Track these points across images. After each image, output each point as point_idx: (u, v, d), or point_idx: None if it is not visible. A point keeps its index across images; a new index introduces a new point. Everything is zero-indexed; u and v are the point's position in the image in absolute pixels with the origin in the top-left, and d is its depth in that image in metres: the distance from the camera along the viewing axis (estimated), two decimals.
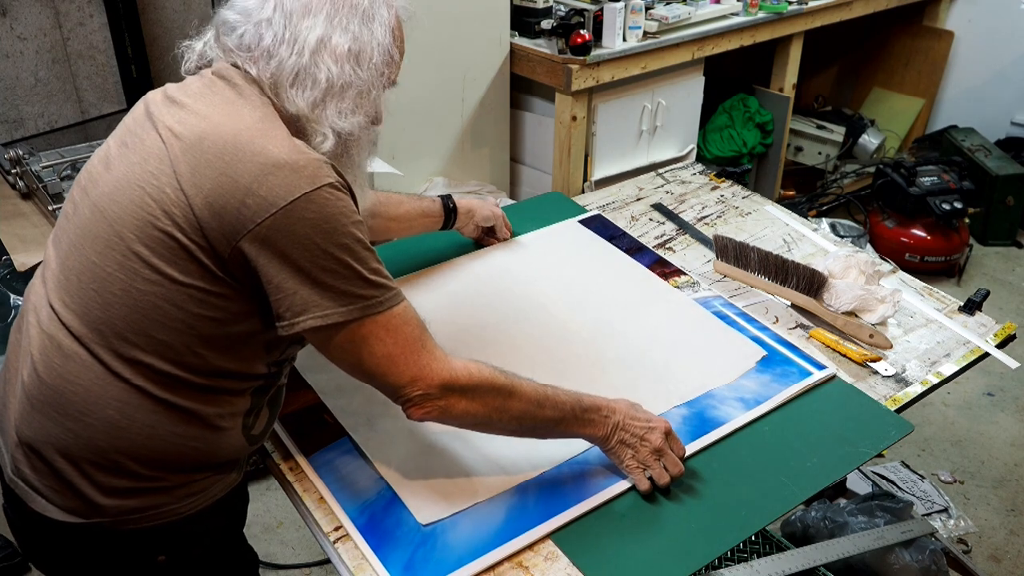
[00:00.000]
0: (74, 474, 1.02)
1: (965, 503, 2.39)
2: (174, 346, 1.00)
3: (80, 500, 1.03)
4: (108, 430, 1.00)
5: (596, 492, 1.14)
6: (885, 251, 3.43)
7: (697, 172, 2.07)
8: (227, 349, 1.03)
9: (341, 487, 1.15)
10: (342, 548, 1.07)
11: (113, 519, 1.03)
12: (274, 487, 2.37)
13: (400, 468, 1.17)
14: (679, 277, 1.62)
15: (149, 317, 0.98)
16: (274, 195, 0.94)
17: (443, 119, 2.78)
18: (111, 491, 1.02)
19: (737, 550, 1.54)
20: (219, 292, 0.99)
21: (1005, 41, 3.96)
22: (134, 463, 1.02)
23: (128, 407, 1.00)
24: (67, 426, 1.01)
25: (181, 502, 1.06)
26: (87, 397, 1.00)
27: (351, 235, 0.99)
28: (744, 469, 1.20)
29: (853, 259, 1.55)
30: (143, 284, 0.98)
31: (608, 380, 1.34)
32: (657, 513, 1.13)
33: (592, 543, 1.08)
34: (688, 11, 2.94)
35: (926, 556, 1.68)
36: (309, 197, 0.95)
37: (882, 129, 4.14)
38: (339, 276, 0.98)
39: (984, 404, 2.80)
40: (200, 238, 0.96)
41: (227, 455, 1.09)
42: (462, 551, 1.05)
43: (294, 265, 0.96)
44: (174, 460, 1.04)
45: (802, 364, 1.39)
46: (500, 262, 1.66)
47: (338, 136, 1.05)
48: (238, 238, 0.95)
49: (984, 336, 1.51)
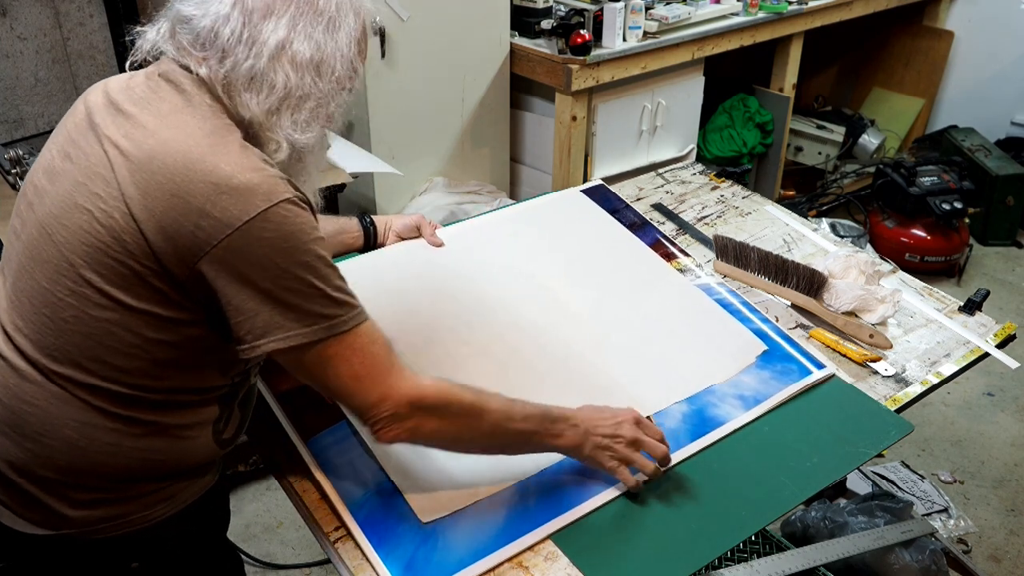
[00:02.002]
0: (36, 491, 1.00)
1: (965, 503, 2.39)
2: (130, 370, 0.97)
3: (47, 513, 1.01)
4: (67, 449, 0.98)
5: (598, 492, 1.14)
6: (885, 251, 3.43)
7: (697, 172, 2.06)
8: (186, 370, 1.00)
9: (340, 477, 1.14)
10: (342, 548, 1.07)
11: (81, 530, 1.02)
12: (274, 487, 2.37)
13: (401, 461, 1.15)
14: (681, 259, 1.60)
15: (103, 343, 0.95)
16: (229, 215, 0.90)
17: (443, 119, 2.78)
18: (77, 503, 1.01)
19: (737, 550, 1.54)
20: (175, 317, 0.96)
21: (1005, 41, 3.96)
22: (96, 479, 1.00)
23: (87, 427, 0.98)
24: (25, 446, 0.99)
25: (150, 509, 1.04)
26: (44, 418, 0.98)
27: (312, 252, 0.95)
28: (744, 469, 1.20)
29: (853, 259, 1.55)
30: (96, 311, 0.95)
31: (609, 368, 1.33)
32: (657, 513, 1.13)
33: (592, 543, 1.08)
34: (688, 11, 2.94)
35: (926, 556, 1.68)
36: (266, 215, 0.91)
37: (882, 129, 4.14)
38: (301, 295, 0.94)
39: (984, 404, 2.80)
40: (154, 263, 0.93)
41: (197, 461, 1.07)
42: (463, 552, 1.05)
43: (254, 286, 0.93)
44: (139, 472, 1.02)
45: (802, 362, 1.39)
46: (502, 234, 1.62)
47: (292, 147, 1.01)
48: (195, 261, 0.92)
49: (984, 336, 1.51)
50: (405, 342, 1.24)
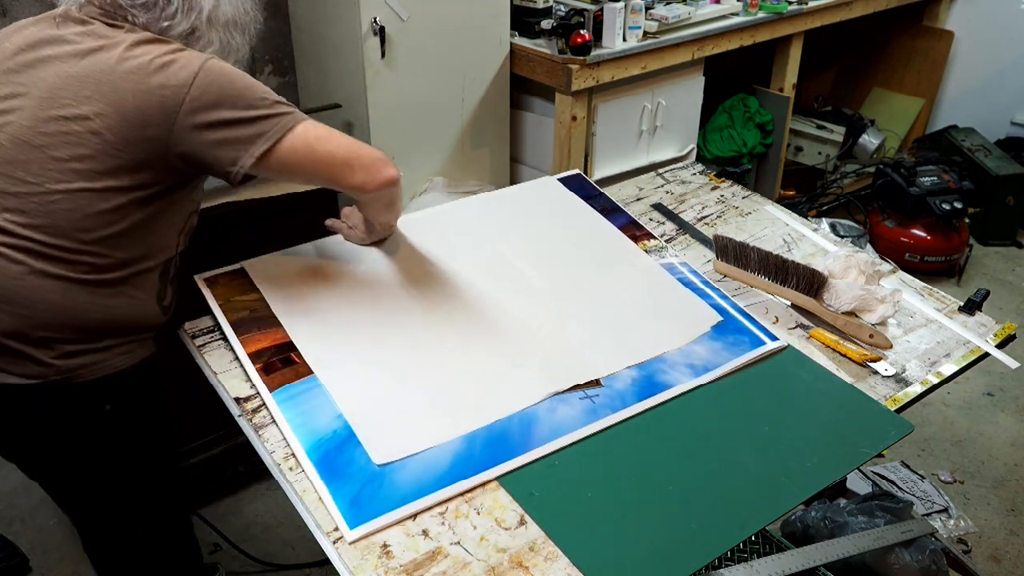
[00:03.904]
0: (28, 348, 1.22)
1: (965, 503, 2.39)
2: (104, 238, 1.23)
3: (36, 364, 1.23)
4: (54, 311, 1.22)
5: (540, 444, 1.20)
6: (885, 251, 3.43)
7: (697, 172, 2.07)
8: (144, 237, 1.28)
9: (301, 423, 1.20)
10: (343, 548, 1.07)
11: (65, 376, 1.25)
12: (274, 487, 2.37)
13: (360, 409, 1.23)
14: (648, 240, 1.66)
15: (85, 213, 1.21)
16: (179, 76, 1.20)
17: (443, 119, 2.78)
18: (62, 355, 1.24)
19: (737, 550, 1.54)
20: (140, 188, 1.24)
21: (1005, 41, 3.96)
22: (77, 333, 1.25)
23: (68, 291, 1.23)
24: (18, 313, 1.21)
25: (116, 359, 1.30)
26: (32, 288, 1.21)
27: (248, 79, 1.25)
28: (744, 469, 1.20)
29: (853, 259, 1.55)
30: (83, 193, 1.20)
31: (565, 336, 1.40)
32: (657, 513, 1.13)
33: (592, 543, 1.08)
34: (688, 11, 2.94)
35: (926, 556, 1.68)
36: (205, 70, 1.21)
37: (882, 129, 4.14)
38: (261, 108, 1.23)
39: (984, 404, 2.80)
40: (125, 146, 1.20)
41: (148, 323, 1.34)
42: (407, 490, 1.11)
43: (223, 119, 1.21)
44: (108, 327, 1.28)
45: (756, 333, 1.43)
46: (475, 219, 1.70)
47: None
48: (170, 125, 1.20)
49: (984, 336, 1.51)
50: (375, 305, 1.42)
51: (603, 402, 1.28)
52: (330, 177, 1.30)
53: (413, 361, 1.32)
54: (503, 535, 1.09)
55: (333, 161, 1.28)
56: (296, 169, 1.28)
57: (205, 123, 1.21)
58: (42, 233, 1.20)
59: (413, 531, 1.08)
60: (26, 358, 1.23)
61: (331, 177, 1.30)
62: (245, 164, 1.23)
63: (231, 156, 1.23)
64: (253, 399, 1.26)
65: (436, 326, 1.40)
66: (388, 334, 1.37)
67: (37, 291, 1.21)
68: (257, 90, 1.25)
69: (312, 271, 1.48)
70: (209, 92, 1.20)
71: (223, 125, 1.22)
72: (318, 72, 2.78)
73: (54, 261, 1.21)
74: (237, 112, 1.22)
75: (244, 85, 1.24)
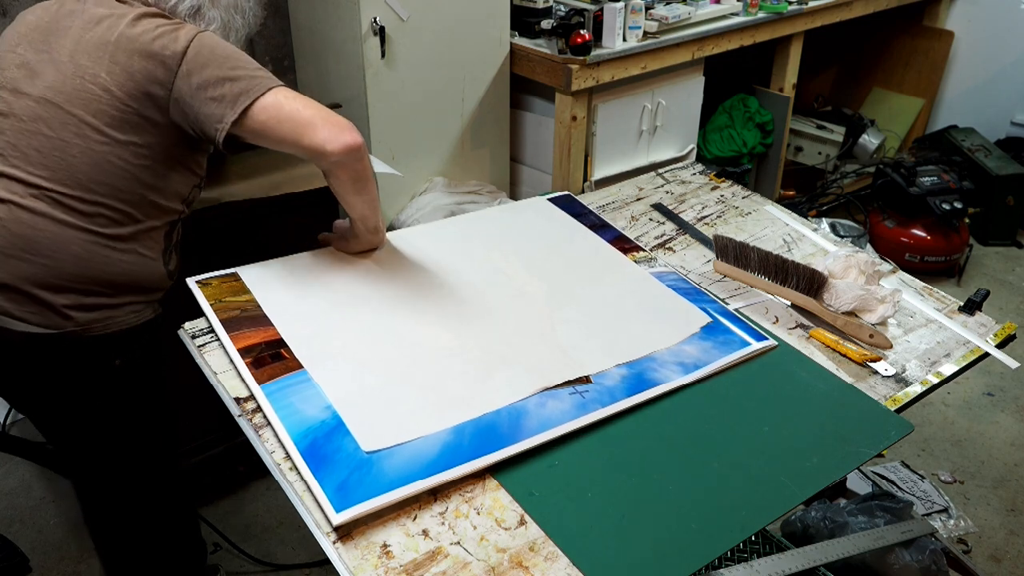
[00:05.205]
0: (50, 296, 1.33)
1: (965, 503, 2.39)
2: (121, 190, 1.37)
3: (56, 315, 1.34)
4: (76, 262, 1.35)
5: (529, 436, 1.20)
6: (885, 251, 3.43)
7: (697, 172, 2.07)
8: (158, 189, 1.42)
9: (289, 413, 1.21)
10: (343, 548, 1.07)
11: (82, 328, 1.37)
12: (274, 487, 2.37)
13: (350, 400, 1.23)
14: (638, 252, 1.68)
15: (102, 168, 1.35)
16: (179, 42, 1.36)
17: (443, 119, 2.78)
18: (80, 307, 1.36)
19: (737, 550, 1.54)
20: (152, 144, 1.38)
21: (1005, 41, 3.96)
22: (97, 285, 1.37)
23: (88, 244, 1.36)
24: (40, 263, 1.33)
25: (128, 316, 1.43)
26: (55, 239, 1.33)
27: (236, 49, 1.40)
28: (744, 469, 1.20)
29: (853, 259, 1.55)
30: (95, 145, 1.35)
31: (556, 336, 1.41)
32: (657, 513, 1.13)
33: (592, 543, 1.08)
34: (688, 11, 2.94)
35: (926, 556, 1.68)
36: (200, 37, 1.37)
37: (882, 129, 4.14)
38: (247, 69, 1.36)
39: (984, 404, 2.80)
40: (141, 105, 1.36)
41: (155, 284, 1.48)
42: (394, 477, 1.11)
43: (213, 78, 1.34)
44: (123, 283, 1.41)
45: (742, 335, 1.44)
46: (466, 233, 1.73)
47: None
48: (170, 84, 1.35)
49: (984, 336, 1.51)
50: (367, 305, 1.44)
51: (593, 397, 1.28)
52: (295, 136, 1.35)
53: (404, 358, 1.33)
54: (503, 535, 1.09)
55: (299, 118, 1.35)
56: (268, 131, 1.36)
57: (198, 83, 1.35)
58: (63, 185, 1.34)
59: (413, 531, 1.08)
60: (48, 307, 1.34)
61: (296, 136, 1.35)
62: (228, 121, 1.34)
63: (218, 113, 1.35)
64: (253, 399, 1.26)
65: (428, 326, 1.41)
66: (380, 333, 1.38)
67: (61, 242, 1.33)
68: (243, 57, 1.40)
69: (305, 276, 1.51)
70: (202, 54, 1.36)
71: (213, 84, 1.35)
72: (318, 72, 2.78)
73: (75, 213, 1.35)
74: (223, 71, 1.35)
75: (233, 51, 1.40)
